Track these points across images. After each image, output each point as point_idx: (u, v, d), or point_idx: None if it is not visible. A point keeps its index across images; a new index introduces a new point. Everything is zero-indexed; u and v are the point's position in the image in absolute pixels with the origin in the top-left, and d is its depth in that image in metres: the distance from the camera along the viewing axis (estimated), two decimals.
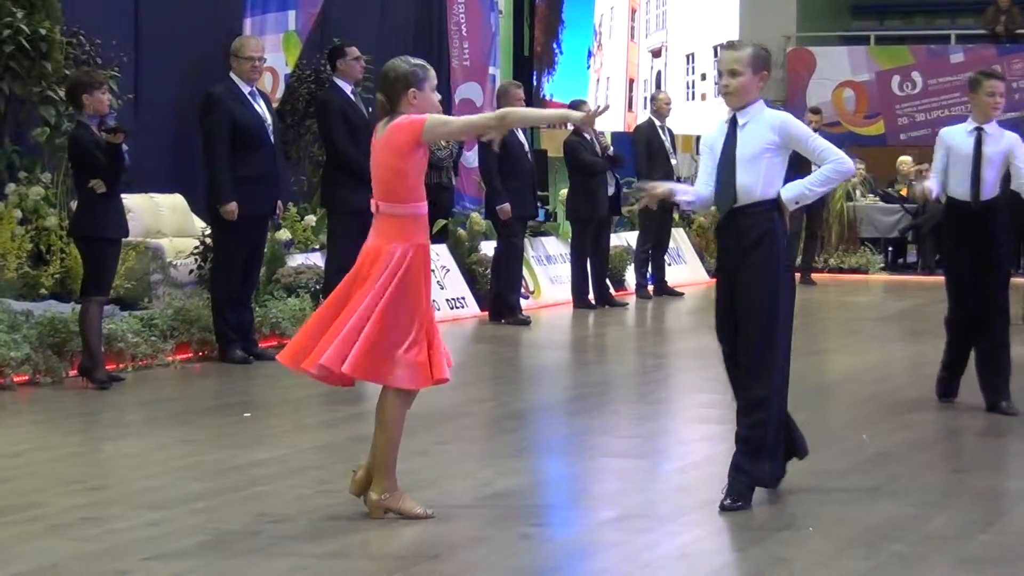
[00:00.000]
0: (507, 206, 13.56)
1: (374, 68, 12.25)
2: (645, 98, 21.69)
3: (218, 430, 8.29)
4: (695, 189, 6.75)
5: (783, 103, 23.52)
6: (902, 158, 21.52)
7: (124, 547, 5.75)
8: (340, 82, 12.00)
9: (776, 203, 6.45)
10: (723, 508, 6.36)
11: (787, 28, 24.25)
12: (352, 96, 11.93)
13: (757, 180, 6.43)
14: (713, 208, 6.67)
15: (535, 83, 18.96)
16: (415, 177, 6.16)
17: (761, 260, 6.41)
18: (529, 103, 17.17)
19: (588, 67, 20.75)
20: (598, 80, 21.09)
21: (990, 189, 8.85)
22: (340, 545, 5.82)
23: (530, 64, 18.50)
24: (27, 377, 9.49)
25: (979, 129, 8.85)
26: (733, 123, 6.54)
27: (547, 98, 19.04)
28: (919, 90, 23.47)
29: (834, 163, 6.46)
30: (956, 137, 8.94)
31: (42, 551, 5.66)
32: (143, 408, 8.99)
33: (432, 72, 6.25)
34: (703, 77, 23.23)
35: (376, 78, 6.55)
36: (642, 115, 21.01)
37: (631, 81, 21.95)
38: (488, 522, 6.12)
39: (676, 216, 17.94)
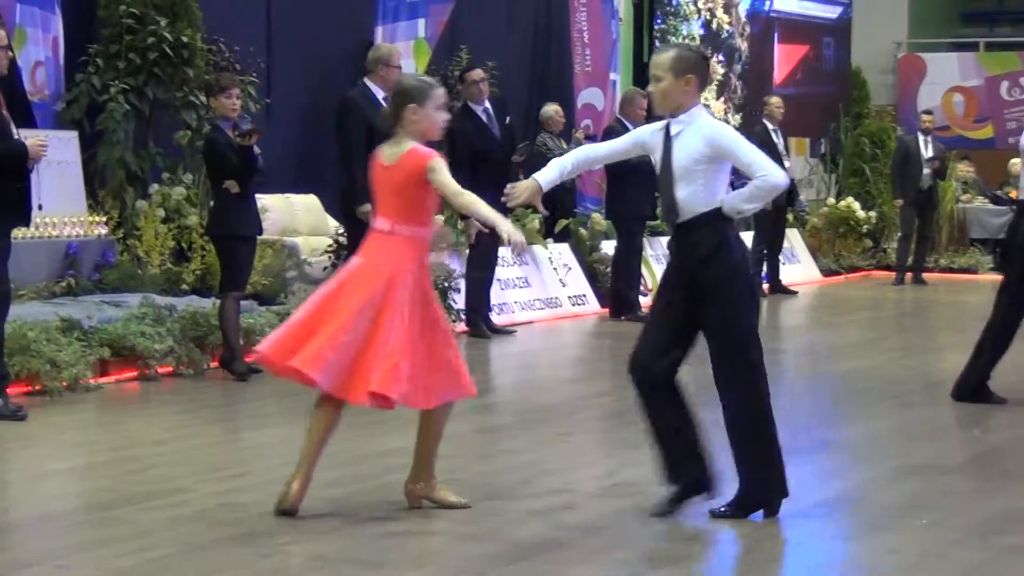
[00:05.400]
0: None
1: (499, 75, 12.45)
2: None
3: (351, 420, 8.34)
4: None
5: (894, 107, 23.63)
6: (1014, 160, 21.46)
7: (264, 532, 5.93)
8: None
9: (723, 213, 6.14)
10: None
11: (898, 35, 24.36)
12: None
13: (696, 192, 6.12)
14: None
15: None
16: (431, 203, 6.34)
17: (717, 271, 6.11)
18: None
19: None
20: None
21: None
22: (474, 529, 5.99)
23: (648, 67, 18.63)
24: (171, 368, 9.80)
25: None
26: (667, 132, 6.21)
27: None
28: None
29: (760, 178, 6.08)
30: None
31: (187, 535, 5.86)
32: (280, 399, 9.14)
33: (439, 91, 6.24)
34: None
35: (500, 85, 6.70)
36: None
37: None
38: (613, 511, 6.27)
39: (790, 216, 18.04)
